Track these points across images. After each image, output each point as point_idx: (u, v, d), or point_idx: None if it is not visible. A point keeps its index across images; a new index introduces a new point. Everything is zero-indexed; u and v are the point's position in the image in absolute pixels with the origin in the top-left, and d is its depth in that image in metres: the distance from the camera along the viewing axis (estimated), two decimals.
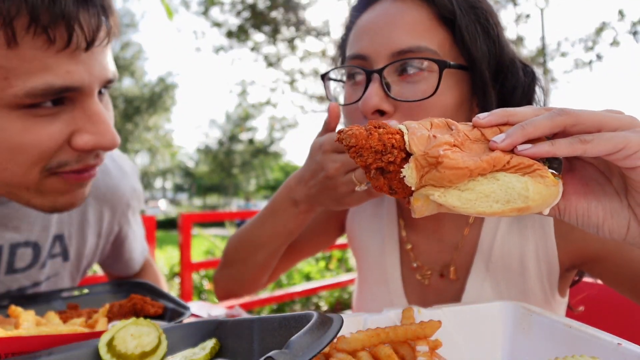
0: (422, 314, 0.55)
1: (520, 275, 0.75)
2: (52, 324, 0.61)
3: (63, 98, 0.65)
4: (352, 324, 0.55)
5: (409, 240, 0.86)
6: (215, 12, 7.91)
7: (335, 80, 0.79)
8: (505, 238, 0.76)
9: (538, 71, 0.72)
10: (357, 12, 0.73)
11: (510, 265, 0.75)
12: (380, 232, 0.90)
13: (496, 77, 0.68)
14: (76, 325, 0.64)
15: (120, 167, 1.02)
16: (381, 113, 0.66)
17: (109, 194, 0.98)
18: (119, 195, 1.00)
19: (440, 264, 0.81)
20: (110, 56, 0.73)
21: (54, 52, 0.61)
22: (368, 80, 0.66)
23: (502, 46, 0.68)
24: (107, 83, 0.71)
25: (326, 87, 0.77)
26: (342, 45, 0.80)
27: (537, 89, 0.71)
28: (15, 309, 0.62)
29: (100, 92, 0.71)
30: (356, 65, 0.69)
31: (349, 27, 0.76)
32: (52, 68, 0.61)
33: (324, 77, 0.76)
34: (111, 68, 0.72)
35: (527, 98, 0.70)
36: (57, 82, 0.62)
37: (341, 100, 0.78)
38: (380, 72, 0.65)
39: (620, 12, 5.29)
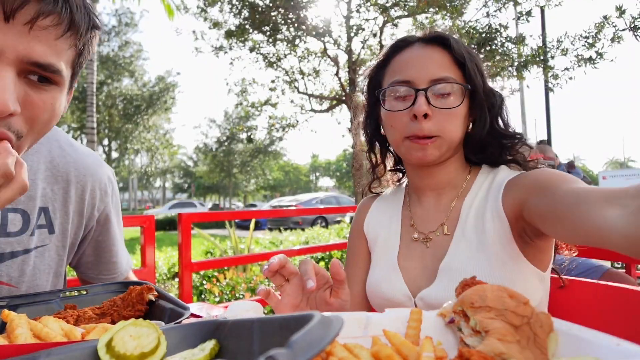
0: (425, 316, 0.55)
1: (482, 233, 0.93)
2: (50, 328, 0.60)
3: None
4: (353, 323, 0.55)
5: (413, 216, 1.08)
6: (214, 12, 7.88)
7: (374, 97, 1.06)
8: (478, 204, 0.97)
9: (502, 93, 1.05)
10: (392, 53, 1.04)
11: (477, 227, 0.95)
12: (389, 218, 1.12)
13: (486, 97, 1.00)
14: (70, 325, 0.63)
15: (97, 159, 1.11)
16: (425, 116, 0.94)
17: (88, 175, 1.05)
18: (97, 178, 1.07)
19: (435, 225, 1.03)
20: (56, 48, 0.69)
21: None
22: (416, 96, 0.94)
23: (484, 79, 1.00)
24: (32, 64, 0.66)
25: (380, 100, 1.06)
26: (375, 74, 1.07)
27: (504, 105, 1.04)
28: (8, 314, 0.62)
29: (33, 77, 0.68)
30: (405, 86, 0.98)
31: (382, 63, 1.05)
32: None
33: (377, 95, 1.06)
34: (47, 57, 0.67)
35: (498, 104, 1.02)
36: None
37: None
38: (425, 90, 0.94)
39: (619, 8, 5.18)
